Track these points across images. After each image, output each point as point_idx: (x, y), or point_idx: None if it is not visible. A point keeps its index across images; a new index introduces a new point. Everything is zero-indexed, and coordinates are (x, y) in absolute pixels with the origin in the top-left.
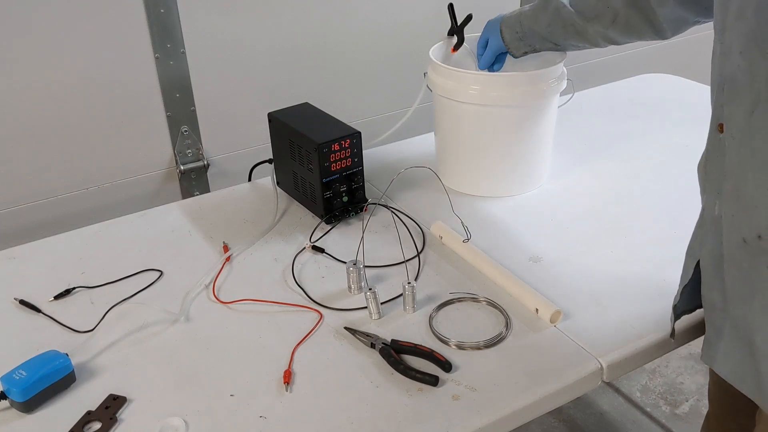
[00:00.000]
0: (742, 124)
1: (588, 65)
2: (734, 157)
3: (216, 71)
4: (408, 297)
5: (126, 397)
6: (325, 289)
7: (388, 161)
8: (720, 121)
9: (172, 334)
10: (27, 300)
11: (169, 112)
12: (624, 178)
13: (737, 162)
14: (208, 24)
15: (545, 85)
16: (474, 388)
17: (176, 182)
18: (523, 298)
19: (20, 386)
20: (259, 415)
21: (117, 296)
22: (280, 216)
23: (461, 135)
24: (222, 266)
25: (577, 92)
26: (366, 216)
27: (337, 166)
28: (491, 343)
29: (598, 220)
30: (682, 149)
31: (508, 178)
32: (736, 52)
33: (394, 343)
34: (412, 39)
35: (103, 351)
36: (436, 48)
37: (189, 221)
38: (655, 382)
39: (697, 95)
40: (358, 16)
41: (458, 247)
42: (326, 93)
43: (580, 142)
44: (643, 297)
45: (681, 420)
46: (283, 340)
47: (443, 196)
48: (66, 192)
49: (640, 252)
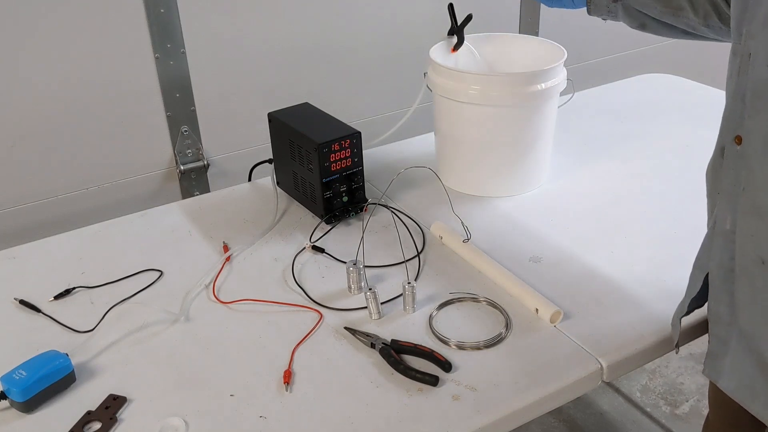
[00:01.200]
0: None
1: (588, 65)
2: (756, 173)
3: (216, 71)
4: (408, 297)
5: (126, 397)
6: (325, 289)
7: (388, 161)
8: (738, 132)
9: (172, 334)
10: (27, 300)
11: (169, 112)
12: (624, 178)
13: (761, 178)
14: (208, 24)
15: (545, 85)
16: (474, 388)
17: (176, 182)
18: (523, 298)
19: (20, 386)
20: (259, 415)
21: (117, 296)
22: (280, 216)
23: (461, 135)
24: (222, 266)
25: (577, 92)
26: (366, 216)
27: (337, 166)
28: (491, 343)
29: (598, 220)
30: (682, 149)
31: (508, 178)
32: (763, 64)
33: (394, 343)
34: (412, 39)
35: (103, 351)
36: (436, 48)
37: (189, 221)
38: (655, 382)
39: (697, 95)
40: (358, 16)
41: (458, 247)
42: (326, 93)
43: (580, 142)
44: (643, 297)
45: (681, 420)
46: (283, 340)
47: (443, 196)
48: (66, 192)
49: (640, 252)
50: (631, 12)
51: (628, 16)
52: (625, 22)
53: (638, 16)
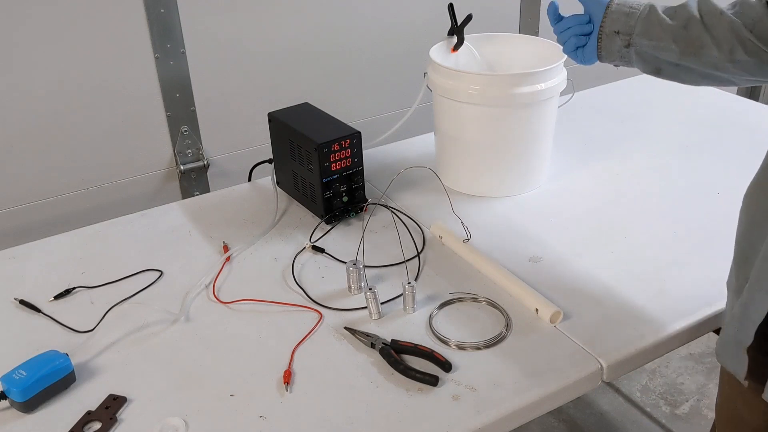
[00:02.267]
0: None
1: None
2: None
3: (216, 71)
4: (408, 297)
5: (126, 397)
6: (325, 289)
7: (388, 161)
8: None
9: (172, 334)
10: (27, 300)
11: (169, 112)
12: (624, 178)
13: None
14: (208, 24)
15: (545, 85)
16: (474, 388)
17: (176, 182)
18: (523, 298)
19: (20, 386)
20: (259, 415)
21: (117, 296)
22: (280, 216)
23: (461, 135)
24: (222, 266)
25: (577, 92)
26: (366, 216)
27: (337, 166)
28: (491, 343)
29: (598, 220)
30: (682, 149)
31: (508, 178)
32: None
33: (394, 343)
34: (412, 39)
35: (103, 351)
36: (436, 48)
37: (189, 221)
38: (655, 382)
39: (698, 95)
40: (358, 17)
41: (458, 247)
42: (326, 93)
43: (580, 142)
44: (643, 297)
45: (681, 420)
46: (283, 340)
47: (443, 196)
48: (66, 192)
49: (640, 252)
50: (645, 57)
51: (642, 62)
52: (639, 67)
53: (653, 60)
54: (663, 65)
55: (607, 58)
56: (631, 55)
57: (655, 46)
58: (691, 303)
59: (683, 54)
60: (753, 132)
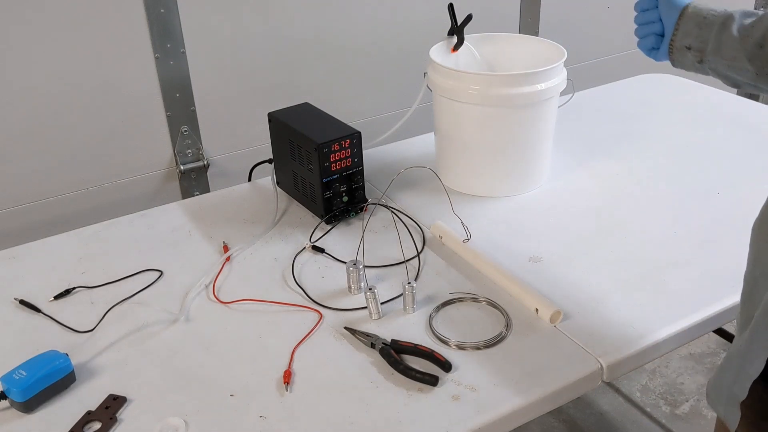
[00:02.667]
0: None
1: (588, 65)
2: None
3: (216, 71)
4: (408, 297)
5: (126, 397)
6: (325, 289)
7: (388, 161)
8: None
9: (172, 334)
10: (27, 300)
11: (169, 112)
12: (624, 177)
13: None
14: (208, 24)
15: (545, 85)
16: (474, 388)
17: (176, 182)
18: (523, 298)
19: (20, 386)
20: (259, 415)
21: (117, 296)
22: (280, 216)
23: (461, 135)
24: (222, 266)
25: (577, 92)
26: (366, 216)
27: (337, 166)
28: (491, 343)
29: (598, 220)
30: (682, 149)
31: (508, 178)
32: None
33: (394, 343)
34: (412, 39)
35: (103, 351)
36: (436, 48)
37: (189, 221)
38: (655, 382)
39: (697, 95)
40: (359, 16)
41: (458, 247)
42: (326, 93)
43: (580, 142)
44: (643, 297)
45: (681, 420)
46: (283, 340)
47: (443, 196)
48: (66, 192)
49: (640, 252)
50: (720, 73)
51: (718, 77)
52: (719, 79)
53: (729, 78)
54: (740, 83)
55: (682, 68)
56: (706, 69)
57: (729, 66)
58: (691, 303)
59: (759, 75)
60: (753, 132)
